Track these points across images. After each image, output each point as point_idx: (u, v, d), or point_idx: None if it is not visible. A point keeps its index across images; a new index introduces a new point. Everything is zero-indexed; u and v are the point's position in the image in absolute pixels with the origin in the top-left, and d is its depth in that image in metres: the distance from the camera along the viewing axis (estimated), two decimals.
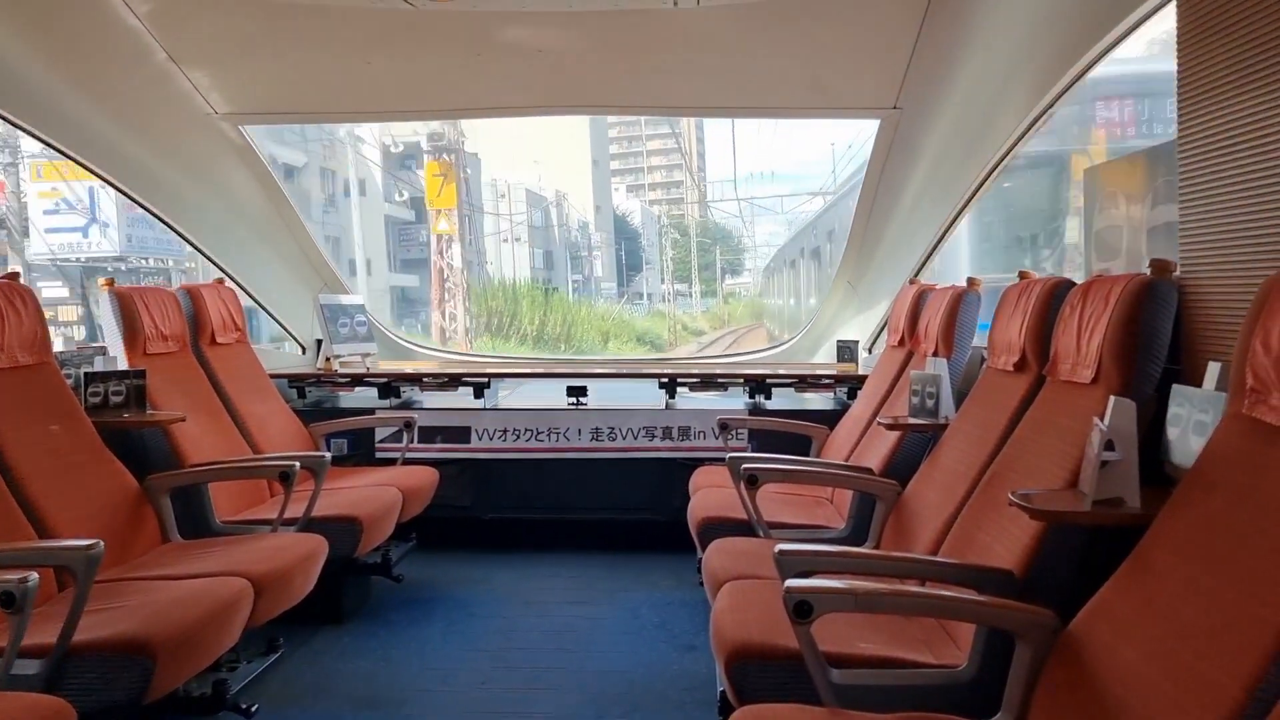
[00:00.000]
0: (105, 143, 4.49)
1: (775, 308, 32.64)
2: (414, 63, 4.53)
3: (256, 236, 5.45)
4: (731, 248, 55.34)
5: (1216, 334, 2.20)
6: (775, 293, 32.75)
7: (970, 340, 3.66)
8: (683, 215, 60.15)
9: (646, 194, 64.84)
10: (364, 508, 3.76)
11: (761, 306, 39.54)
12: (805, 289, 21.43)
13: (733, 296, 50.85)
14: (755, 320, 37.53)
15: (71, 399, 3.37)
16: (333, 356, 5.30)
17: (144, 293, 4.05)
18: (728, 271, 56.16)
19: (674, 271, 52.53)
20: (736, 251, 55.54)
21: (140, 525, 3.33)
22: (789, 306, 26.90)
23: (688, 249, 53.22)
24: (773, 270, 33.99)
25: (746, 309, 43.66)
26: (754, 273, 50.61)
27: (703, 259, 53.98)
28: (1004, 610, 1.95)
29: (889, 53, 4.17)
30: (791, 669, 2.09)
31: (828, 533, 3.45)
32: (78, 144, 4.40)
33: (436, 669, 3.46)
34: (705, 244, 54.58)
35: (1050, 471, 2.32)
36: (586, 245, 50.70)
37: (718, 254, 54.49)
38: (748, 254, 53.80)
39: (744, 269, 55.79)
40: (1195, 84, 2.28)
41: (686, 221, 57.05)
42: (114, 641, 2.31)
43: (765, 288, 39.72)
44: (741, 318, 41.50)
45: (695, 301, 51.13)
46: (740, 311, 43.40)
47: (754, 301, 44.76)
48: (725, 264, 55.72)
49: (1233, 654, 1.44)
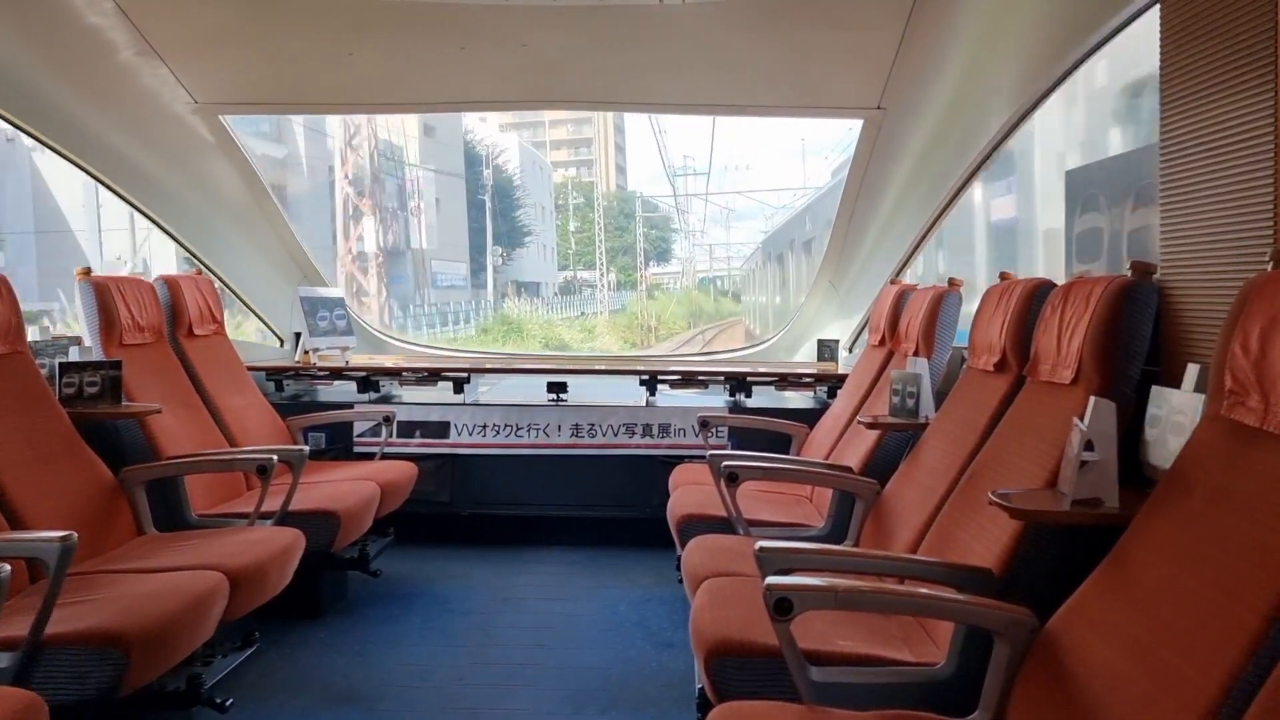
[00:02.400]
0: (83, 131, 4.44)
1: (748, 312, 28.80)
2: (397, 55, 4.50)
3: (235, 228, 5.41)
4: (657, 225, 42.89)
5: (1195, 336, 2.22)
6: (757, 288, 28.62)
7: (951, 340, 3.67)
8: (591, 182, 45.23)
9: (548, 154, 45.79)
10: (342, 502, 3.74)
11: (719, 310, 33.40)
12: (775, 288, 20.77)
13: (659, 290, 39.85)
14: (688, 326, 30.66)
15: (45, 389, 3.32)
16: (311, 350, 5.26)
17: (120, 283, 4.00)
18: (653, 257, 42.47)
19: (575, 252, 40.73)
20: (663, 229, 43.10)
21: (115, 517, 3.29)
22: (767, 305, 24.90)
23: (592, 225, 40.38)
24: (752, 267, 31.12)
25: (681, 308, 34.70)
26: (687, 263, 41.00)
27: (617, 240, 41.27)
28: (983, 609, 1.95)
29: (873, 53, 4.18)
30: (770, 666, 2.09)
31: (807, 531, 3.46)
32: (54, 131, 4.34)
33: (413, 665, 3.44)
34: (620, 221, 41.74)
35: (1029, 471, 2.33)
36: (395, 191, 28.75)
37: (638, 233, 40.85)
38: (678, 236, 42.54)
39: (672, 256, 43.61)
40: (1178, 86, 2.30)
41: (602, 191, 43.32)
42: (87, 635, 2.28)
43: (747, 281, 33.53)
44: (673, 322, 32.65)
45: (602, 297, 39.01)
46: (672, 313, 34.04)
47: (690, 297, 35.81)
48: (650, 247, 42.04)
49: (1210, 652, 1.45)
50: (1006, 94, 3.80)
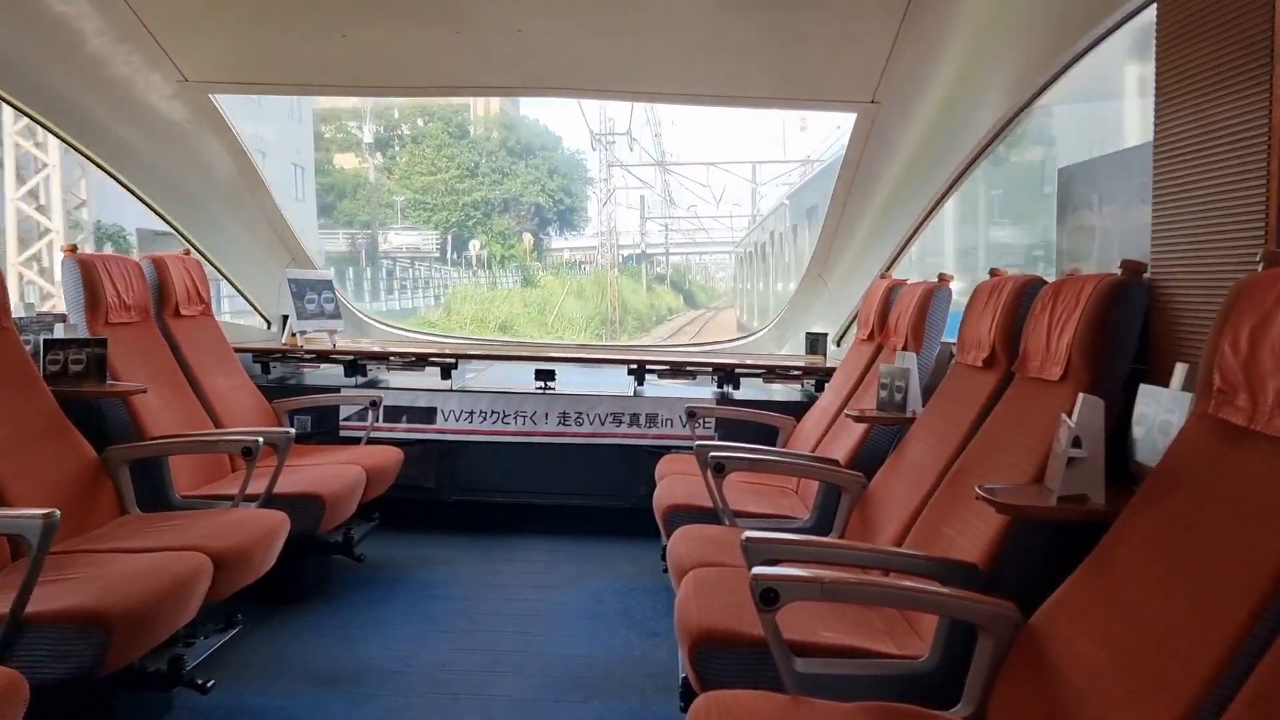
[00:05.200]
0: (71, 106, 4.40)
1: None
2: (390, 38, 4.46)
3: (224, 208, 5.37)
4: (562, 170, 29.57)
5: (1184, 335, 2.22)
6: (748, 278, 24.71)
7: (940, 335, 3.68)
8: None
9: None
10: (327, 486, 3.72)
11: (657, 308, 23.38)
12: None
13: (568, 270, 28.41)
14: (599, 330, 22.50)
15: (30, 366, 3.29)
16: (298, 332, 5.24)
17: (107, 260, 3.97)
18: (555, 221, 29.48)
19: (410, 204, 27.34)
20: (571, 178, 29.90)
21: (98, 497, 3.27)
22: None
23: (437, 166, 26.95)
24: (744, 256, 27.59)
25: (587, 303, 24.85)
26: (605, 237, 28.89)
27: (491, 190, 28.14)
28: (967, 602, 1.96)
29: (868, 46, 4.17)
30: (755, 656, 2.10)
31: (793, 523, 3.46)
32: (43, 106, 4.30)
33: (396, 649, 3.44)
34: (503, 163, 28.37)
35: (1016, 467, 2.34)
36: None
37: (524, 183, 28.00)
38: (593, 195, 30.09)
39: (585, 224, 30.78)
40: (1173, 85, 2.30)
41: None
42: (68, 613, 2.26)
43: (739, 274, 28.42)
44: (586, 331, 24.31)
45: (440, 279, 27.19)
46: (585, 316, 24.38)
47: (608, 283, 24.63)
48: (549, 206, 28.85)
49: (1192, 650, 1.46)
50: (1002, 90, 3.80)
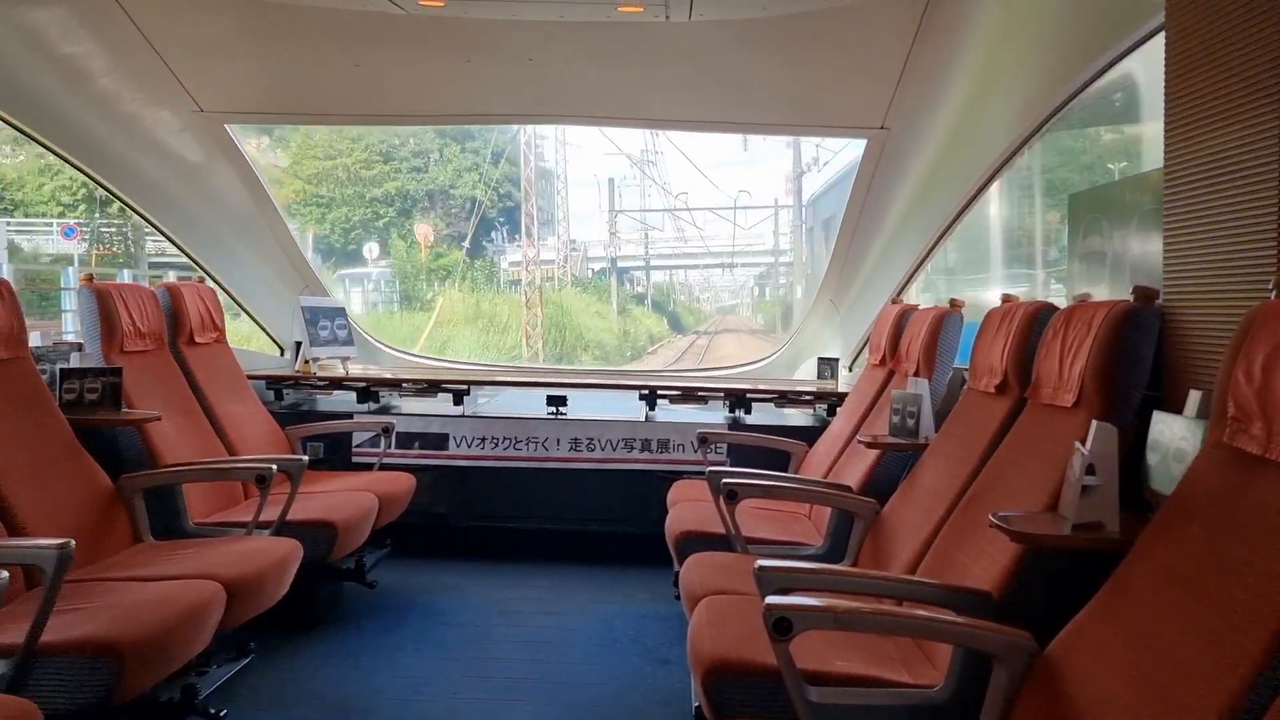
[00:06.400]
0: (88, 137, 4.45)
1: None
2: (403, 67, 4.52)
3: (238, 236, 5.41)
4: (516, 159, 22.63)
5: (1198, 362, 2.21)
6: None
7: (952, 361, 3.67)
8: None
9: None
10: (340, 513, 3.73)
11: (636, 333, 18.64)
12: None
13: (509, 288, 22.31)
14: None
15: (46, 395, 3.32)
16: (312, 359, 5.26)
17: (123, 289, 4.00)
18: (493, 226, 23.26)
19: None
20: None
21: (112, 525, 3.28)
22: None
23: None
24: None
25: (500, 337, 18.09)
26: (573, 246, 24.26)
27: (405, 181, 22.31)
28: (981, 632, 1.94)
29: (878, 73, 4.19)
30: (768, 685, 2.09)
31: (805, 549, 3.45)
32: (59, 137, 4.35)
33: (408, 677, 3.43)
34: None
35: (1030, 494, 2.32)
36: None
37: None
38: (561, 199, 24.72)
39: (552, 227, 24.83)
40: (1182, 113, 2.30)
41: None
42: (82, 643, 2.27)
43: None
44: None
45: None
46: (492, 347, 18.34)
47: (562, 303, 19.77)
48: (494, 205, 22.50)
49: (1210, 681, 1.44)
50: (1011, 116, 3.81)
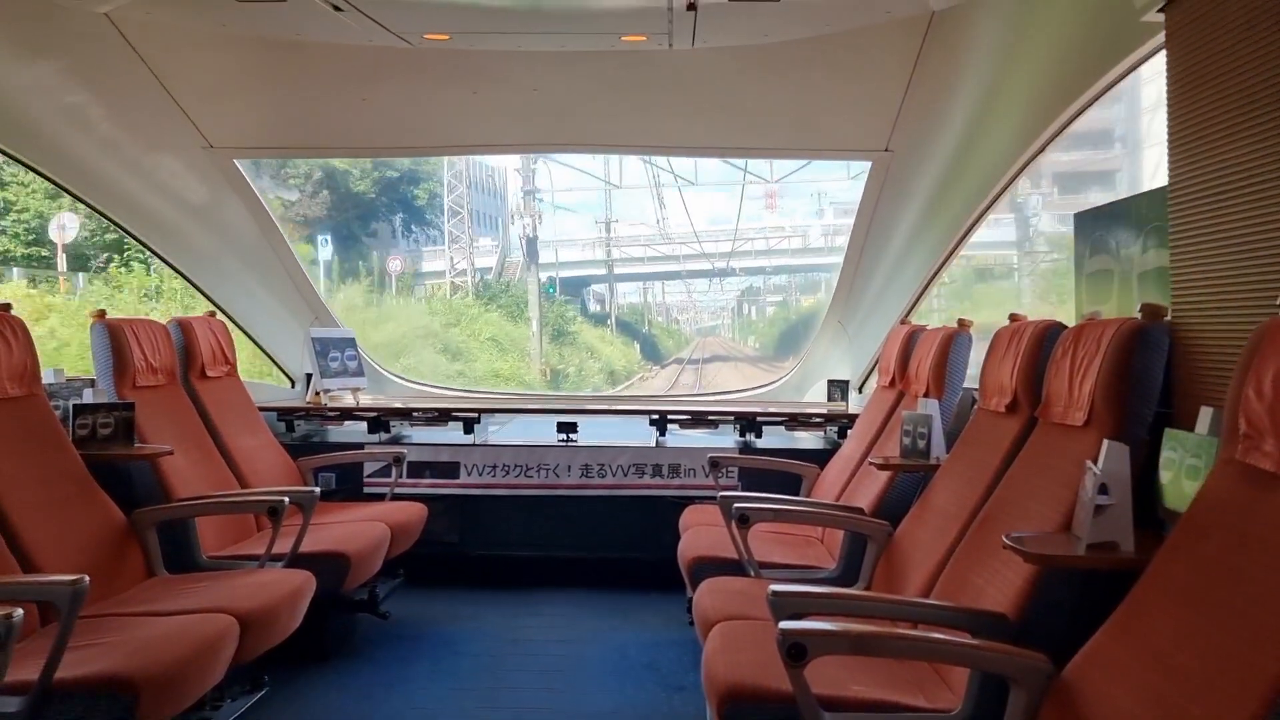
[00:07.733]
0: (98, 174, 4.49)
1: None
2: (410, 99, 4.55)
3: (248, 269, 5.44)
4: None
5: (1208, 377, 2.21)
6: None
7: (961, 381, 3.67)
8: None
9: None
10: (352, 544, 3.73)
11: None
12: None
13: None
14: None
15: (59, 431, 3.34)
16: (322, 390, 5.28)
17: (134, 325, 4.03)
18: (413, 230, 21.29)
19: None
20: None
21: (126, 559, 3.29)
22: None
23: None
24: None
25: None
26: (515, 254, 21.64)
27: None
28: (998, 655, 1.93)
29: (881, 96, 4.21)
30: (784, 712, 2.07)
31: (819, 573, 3.43)
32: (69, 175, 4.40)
33: (422, 708, 3.41)
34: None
35: (1043, 514, 2.32)
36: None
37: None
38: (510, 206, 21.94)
39: (496, 229, 22.60)
40: (1186, 132, 2.31)
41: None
42: (97, 678, 2.27)
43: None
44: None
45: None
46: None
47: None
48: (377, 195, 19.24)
49: (1228, 701, 1.43)
50: (1014, 137, 3.82)
